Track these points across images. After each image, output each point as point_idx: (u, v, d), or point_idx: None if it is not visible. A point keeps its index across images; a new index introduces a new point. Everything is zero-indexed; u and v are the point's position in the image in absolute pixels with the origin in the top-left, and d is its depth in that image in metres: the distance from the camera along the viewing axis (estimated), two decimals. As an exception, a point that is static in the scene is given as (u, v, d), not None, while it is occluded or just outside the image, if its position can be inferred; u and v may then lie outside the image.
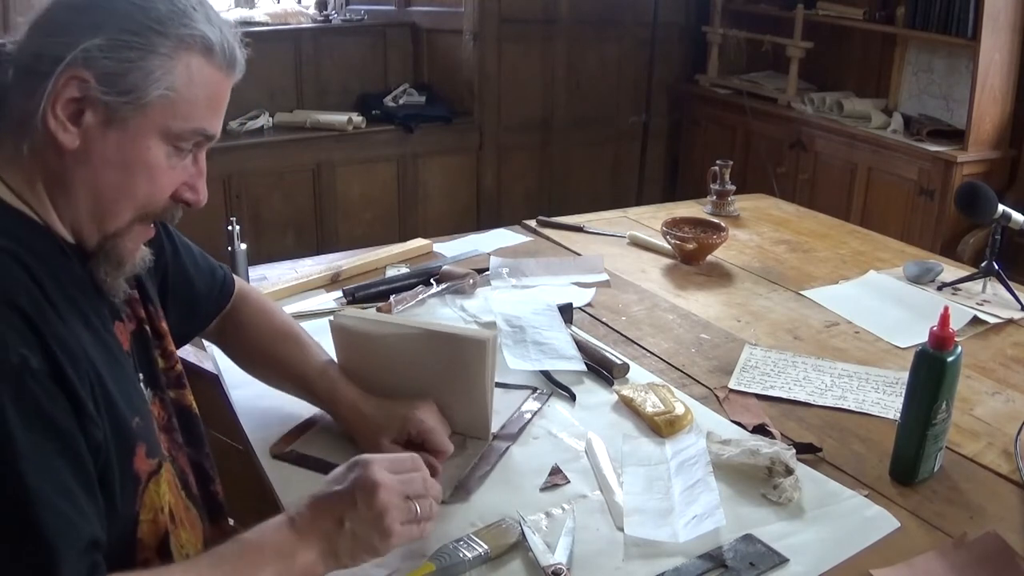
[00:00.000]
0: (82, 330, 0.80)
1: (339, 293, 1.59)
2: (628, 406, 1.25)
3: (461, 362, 1.11)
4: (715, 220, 1.94)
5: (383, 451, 1.06)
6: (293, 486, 1.06)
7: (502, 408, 1.21)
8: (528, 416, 1.22)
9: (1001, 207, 1.67)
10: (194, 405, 1.02)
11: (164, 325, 0.99)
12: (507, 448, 1.14)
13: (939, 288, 1.73)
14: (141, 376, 0.92)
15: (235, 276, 1.24)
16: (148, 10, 0.80)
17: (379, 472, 0.86)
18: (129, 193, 0.82)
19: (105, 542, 0.75)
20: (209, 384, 1.37)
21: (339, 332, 1.16)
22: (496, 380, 1.16)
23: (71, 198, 0.82)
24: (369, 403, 1.12)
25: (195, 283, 1.12)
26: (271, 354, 1.20)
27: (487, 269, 1.72)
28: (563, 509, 1.02)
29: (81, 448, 0.75)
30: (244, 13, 3.85)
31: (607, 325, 1.54)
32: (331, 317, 1.18)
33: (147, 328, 0.96)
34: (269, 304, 1.27)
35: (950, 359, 1.05)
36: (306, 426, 1.18)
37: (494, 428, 1.17)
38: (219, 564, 0.80)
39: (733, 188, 2.18)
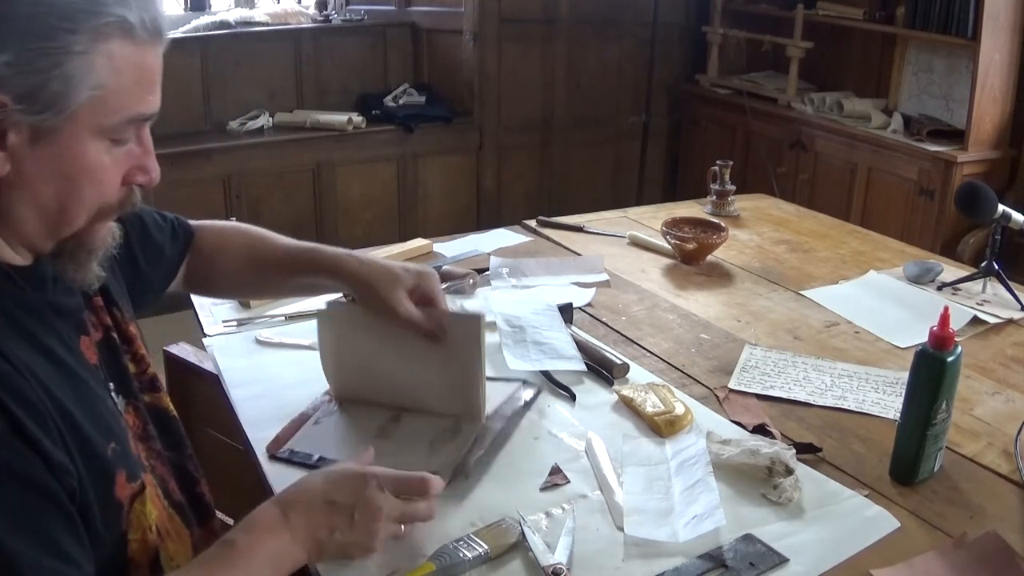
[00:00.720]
0: (42, 365, 0.76)
1: (339, 293, 1.59)
2: (628, 406, 1.24)
3: (453, 343, 1.11)
4: (715, 220, 1.94)
5: (397, 306, 1.08)
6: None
7: (493, 395, 1.21)
8: (521, 400, 1.22)
9: (1001, 207, 1.67)
10: (171, 408, 1.00)
11: (132, 329, 0.96)
12: (501, 429, 1.14)
13: (939, 288, 1.73)
14: (112, 386, 0.89)
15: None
16: (52, 7, 0.72)
17: (385, 499, 0.89)
18: (77, 200, 0.78)
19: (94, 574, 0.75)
20: (209, 384, 1.37)
21: (327, 324, 1.16)
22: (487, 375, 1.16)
23: (13, 222, 0.77)
24: (378, 260, 1.14)
25: (162, 245, 1.13)
26: (255, 260, 1.19)
27: (487, 269, 1.72)
28: (563, 509, 1.02)
29: (57, 494, 0.73)
30: (244, 13, 3.85)
31: (607, 325, 1.54)
32: (317, 309, 1.17)
33: (114, 335, 0.93)
34: (226, 225, 1.25)
35: (950, 359, 1.05)
36: (300, 421, 1.18)
37: (487, 410, 1.17)
38: (212, 567, 0.81)
39: (733, 188, 2.18)
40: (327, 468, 0.94)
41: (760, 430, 1.18)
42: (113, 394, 0.89)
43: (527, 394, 1.25)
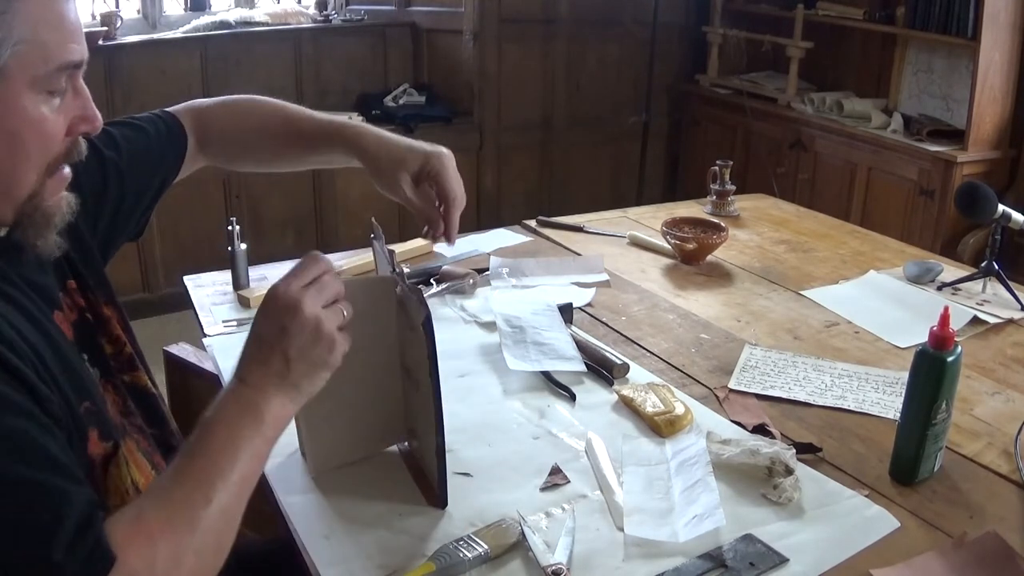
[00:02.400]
0: (18, 319, 0.78)
1: None
2: (628, 406, 1.25)
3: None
4: (715, 220, 1.94)
5: (401, 189, 1.11)
6: (295, 485, 1.06)
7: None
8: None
9: (1001, 207, 1.67)
10: (150, 385, 1.00)
11: (107, 311, 0.97)
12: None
13: (939, 288, 1.73)
14: (86, 357, 0.90)
15: (176, 109, 1.21)
16: None
17: (292, 290, 0.86)
18: (23, 157, 0.79)
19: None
20: (209, 384, 1.37)
21: None
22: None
23: None
24: (396, 139, 1.16)
25: (152, 151, 1.13)
26: (270, 136, 1.22)
27: (487, 269, 1.72)
28: (563, 509, 1.02)
29: (48, 423, 0.74)
30: (244, 13, 3.85)
31: (607, 325, 1.54)
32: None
33: (88, 315, 0.94)
34: (229, 105, 1.25)
35: (950, 359, 1.05)
36: None
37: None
38: (200, 458, 0.80)
39: (733, 188, 2.18)
40: (257, 312, 0.89)
41: (760, 430, 1.18)
42: (88, 364, 0.90)
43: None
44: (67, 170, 0.85)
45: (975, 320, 1.57)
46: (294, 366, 0.85)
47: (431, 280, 1.64)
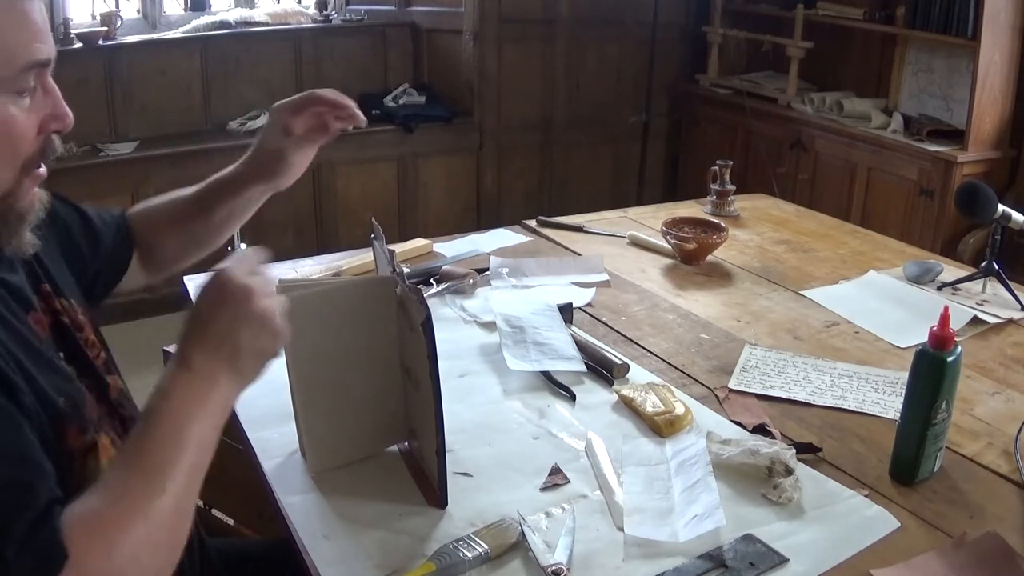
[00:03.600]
0: None
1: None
2: (628, 406, 1.25)
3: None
4: (715, 220, 1.94)
5: (289, 147, 1.14)
6: (294, 486, 1.06)
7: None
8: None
9: (1001, 207, 1.67)
10: (126, 388, 1.00)
11: (81, 317, 0.97)
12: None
13: (939, 288, 1.73)
14: (62, 355, 0.90)
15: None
16: None
17: (242, 278, 0.84)
18: None
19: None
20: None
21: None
22: None
23: None
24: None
25: (102, 235, 1.14)
26: (175, 215, 1.23)
27: (487, 269, 1.72)
28: (563, 509, 1.02)
29: (14, 412, 0.74)
30: (244, 13, 3.85)
31: (607, 325, 1.54)
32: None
33: (64, 319, 0.94)
34: (148, 203, 1.27)
35: (950, 359, 1.05)
36: None
37: None
38: (151, 448, 0.78)
39: (733, 188, 2.18)
40: (200, 298, 0.86)
41: (760, 430, 1.18)
42: (64, 362, 0.90)
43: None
44: (42, 168, 0.85)
45: (975, 320, 1.57)
46: (244, 354, 0.83)
47: (431, 280, 1.64)
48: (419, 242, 1.88)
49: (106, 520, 0.72)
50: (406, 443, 1.14)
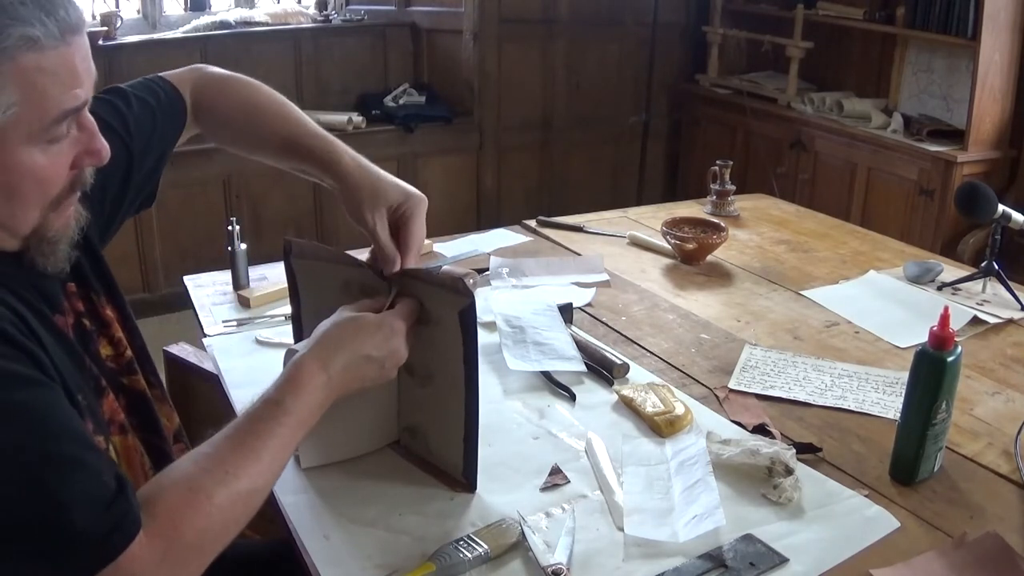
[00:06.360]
0: (25, 311, 0.79)
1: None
2: (628, 406, 1.25)
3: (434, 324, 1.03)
4: (715, 220, 1.94)
5: (372, 220, 1.08)
6: (294, 485, 1.06)
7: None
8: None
9: (1001, 207, 1.67)
10: (147, 391, 1.00)
11: (109, 312, 0.97)
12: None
13: (939, 288, 1.73)
14: (86, 358, 0.91)
15: (179, 78, 1.21)
16: None
17: (404, 344, 0.98)
18: (22, 204, 0.79)
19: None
20: (209, 384, 1.37)
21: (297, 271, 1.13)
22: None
23: None
24: (376, 171, 1.15)
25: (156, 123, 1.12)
26: (254, 128, 1.22)
27: (487, 269, 1.72)
28: (563, 509, 1.02)
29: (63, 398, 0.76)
30: (244, 13, 3.85)
31: (607, 325, 1.54)
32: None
33: (86, 320, 0.94)
34: (231, 84, 1.26)
35: (950, 359, 1.05)
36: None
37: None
38: (257, 427, 0.85)
39: (733, 188, 2.18)
40: (351, 316, 0.97)
41: (760, 430, 1.18)
42: (86, 361, 0.91)
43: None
44: (74, 197, 0.85)
45: (975, 320, 1.57)
46: (353, 386, 0.96)
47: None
48: (419, 242, 1.87)
49: (198, 487, 0.79)
50: (398, 442, 1.14)
